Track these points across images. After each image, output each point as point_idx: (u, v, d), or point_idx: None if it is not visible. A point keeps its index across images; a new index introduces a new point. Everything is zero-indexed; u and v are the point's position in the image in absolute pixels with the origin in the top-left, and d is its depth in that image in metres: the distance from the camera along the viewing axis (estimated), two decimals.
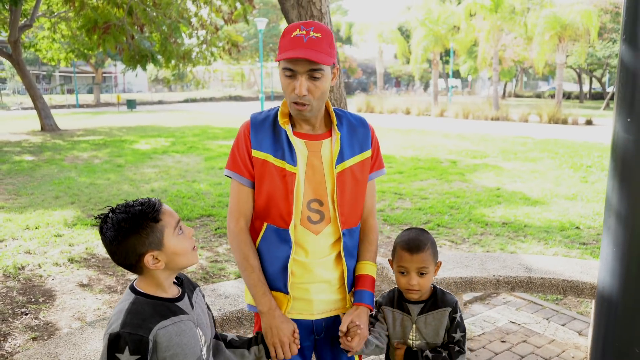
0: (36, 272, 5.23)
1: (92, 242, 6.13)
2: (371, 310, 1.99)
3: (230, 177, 1.96)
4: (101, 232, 1.60)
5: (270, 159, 1.89)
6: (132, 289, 1.65)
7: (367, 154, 1.98)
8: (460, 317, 2.06)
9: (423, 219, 7.18)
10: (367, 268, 2.02)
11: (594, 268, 3.62)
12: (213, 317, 1.88)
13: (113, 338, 1.51)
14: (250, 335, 1.98)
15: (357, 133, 1.98)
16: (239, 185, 1.95)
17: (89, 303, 4.55)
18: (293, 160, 1.87)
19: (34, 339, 3.89)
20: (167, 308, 1.62)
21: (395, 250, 2.04)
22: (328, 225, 1.94)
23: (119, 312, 1.57)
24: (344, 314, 2.00)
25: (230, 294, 3.14)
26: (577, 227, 6.77)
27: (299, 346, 1.93)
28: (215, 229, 6.69)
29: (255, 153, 1.90)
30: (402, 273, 2.01)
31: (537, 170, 10.97)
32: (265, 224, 1.95)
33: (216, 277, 5.13)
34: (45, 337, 3.91)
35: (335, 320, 2.04)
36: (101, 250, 5.85)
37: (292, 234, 1.90)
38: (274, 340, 1.89)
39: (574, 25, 26.86)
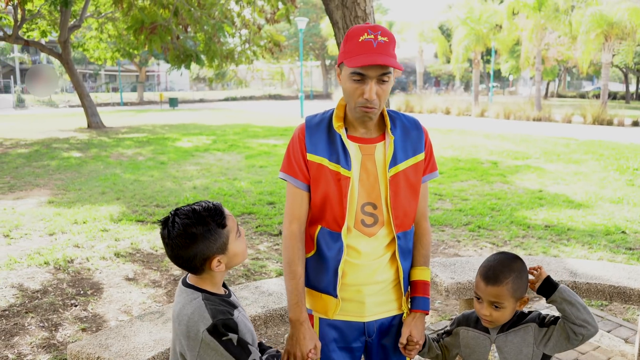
0: (84, 266, 5.41)
1: (137, 237, 6.29)
2: (427, 314, 2.02)
3: (285, 180, 1.95)
4: (167, 237, 1.62)
5: (325, 162, 1.88)
6: (193, 287, 1.69)
7: (420, 157, 1.95)
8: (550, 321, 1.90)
9: (464, 220, 7.12)
10: (421, 274, 2.03)
11: None
12: None
13: (213, 329, 1.57)
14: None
15: (411, 136, 1.96)
16: (293, 188, 1.94)
17: (135, 297, 4.68)
18: (348, 165, 1.86)
19: (83, 329, 4.04)
20: (227, 303, 1.69)
21: (477, 272, 1.95)
22: (382, 228, 1.92)
23: (196, 309, 1.62)
24: (402, 316, 2.04)
25: (273, 291, 3.19)
26: (623, 232, 6.60)
27: None
28: (257, 227, 6.78)
29: (310, 157, 1.90)
30: (478, 299, 1.93)
31: (581, 173, 10.72)
32: (319, 227, 1.94)
33: (257, 275, 5.21)
34: (94, 329, 4.05)
35: (387, 322, 2.03)
36: (145, 246, 6.01)
37: (345, 237, 1.89)
38: (290, 350, 1.93)
39: (621, 24, 26.09)
